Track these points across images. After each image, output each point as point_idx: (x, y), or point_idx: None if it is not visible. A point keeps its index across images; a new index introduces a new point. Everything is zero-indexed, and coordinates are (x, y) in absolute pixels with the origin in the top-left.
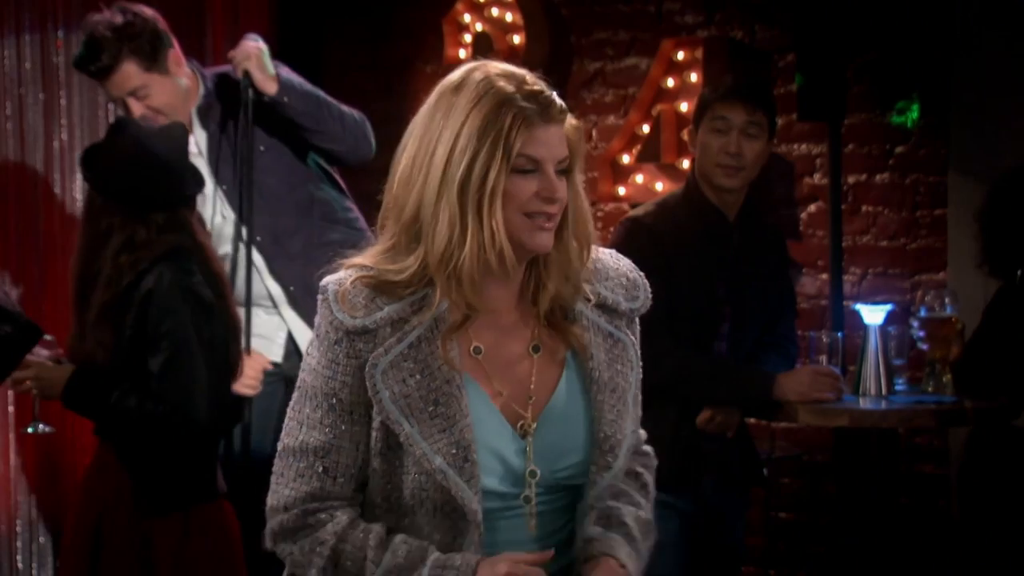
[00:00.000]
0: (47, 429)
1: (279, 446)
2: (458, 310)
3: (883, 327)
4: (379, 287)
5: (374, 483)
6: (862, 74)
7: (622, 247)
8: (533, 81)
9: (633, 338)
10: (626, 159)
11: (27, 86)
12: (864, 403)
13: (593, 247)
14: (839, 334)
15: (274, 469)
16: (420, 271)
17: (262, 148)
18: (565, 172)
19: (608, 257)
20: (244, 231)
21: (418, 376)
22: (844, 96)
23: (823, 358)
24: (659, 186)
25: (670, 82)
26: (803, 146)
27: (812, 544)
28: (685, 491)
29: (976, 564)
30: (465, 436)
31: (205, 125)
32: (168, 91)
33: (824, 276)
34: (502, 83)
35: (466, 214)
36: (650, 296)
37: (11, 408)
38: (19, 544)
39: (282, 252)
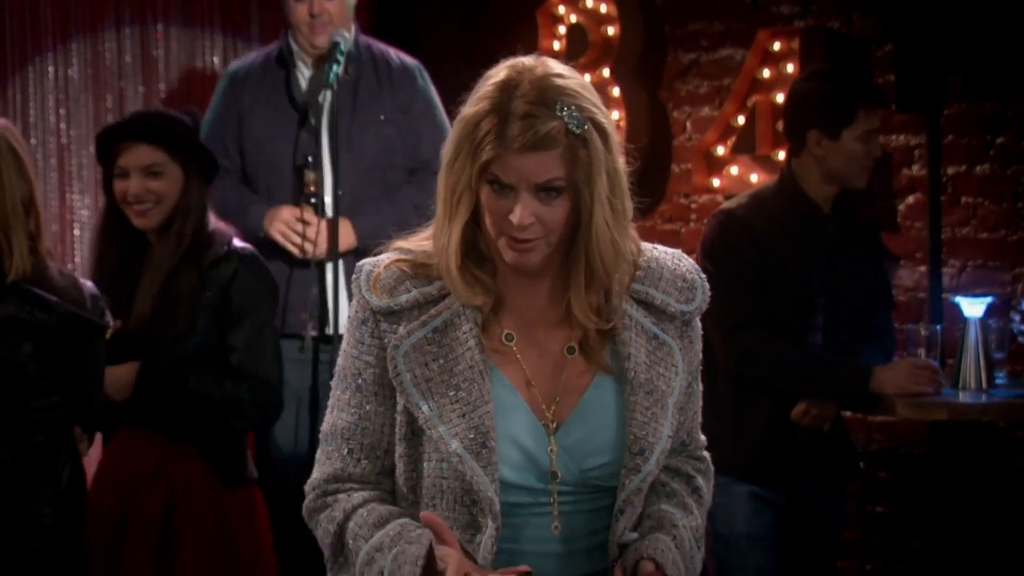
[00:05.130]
0: None
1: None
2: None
3: (983, 320)
4: (413, 270)
5: (400, 471)
6: (961, 64)
7: (715, 240)
8: (540, 98)
9: (683, 342)
10: (721, 151)
11: (127, 79)
12: (964, 397)
13: (648, 246)
14: (938, 327)
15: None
16: None
17: (382, 117)
18: (556, 191)
19: (667, 257)
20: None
21: (441, 360)
22: (943, 86)
23: (921, 351)
24: (754, 177)
25: (766, 73)
26: (901, 137)
27: (909, 538)
28: (780, 484)
29: None
30: (484, 422)
31: (346, 65)
32: (342, 4)
33: (922, 268)
34: (501, 93)
35: (445, 212)
36: (708, 298)
37: None
38: None
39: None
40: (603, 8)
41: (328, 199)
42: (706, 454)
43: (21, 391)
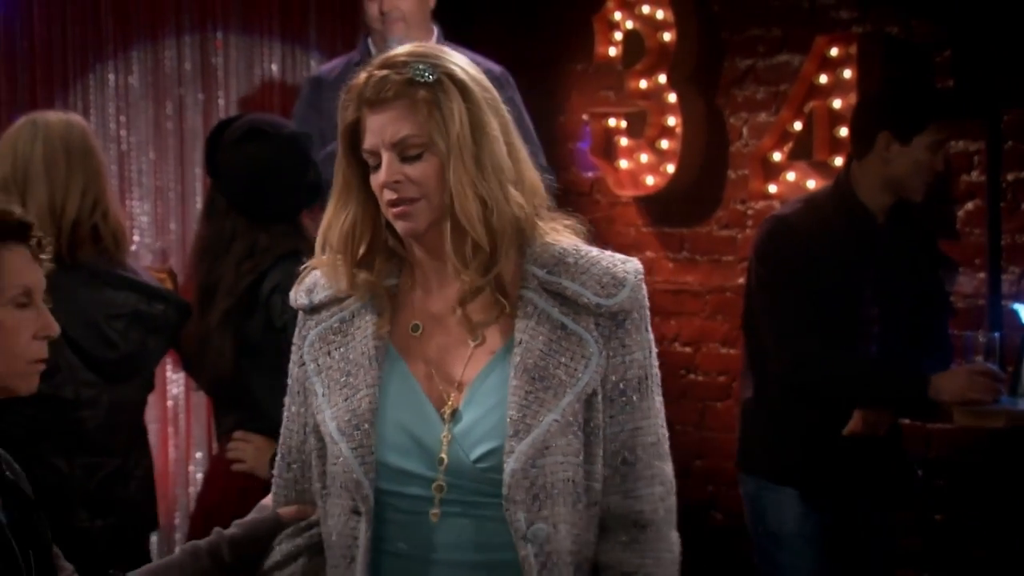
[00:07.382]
0: None
1: None
2: (405, 287)
3: None
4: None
5: (314, 465)
6: (1021, 68)
7: (765, 245)
8: (390, 62)
9: (609, 342)
10: (777, 157)
11: (187, 86)
12: (1022, 404)
13: (596, 250)
14: (997, 334)
15: None
16: None
17: None
18: (415, 148)
19: (606, 258)
20: None
21: (341, 349)
22: (1003, 91)
23: (980, 358)
24: (811, 184)
25: (823, 79)
26: (960, 143)
27: (969, 547)
28: (827, 492)
29: None
30: (363, 405)
31: None
32: (415, 1)
33: (981, 275)
34: (360, 75)
35: (336, 199)
36: (638, 297)
37: (169, 402)
38: (178, 536)
39: None
40: (660, 14)
41: None
42: (675, 539)
43: (143, 387)
